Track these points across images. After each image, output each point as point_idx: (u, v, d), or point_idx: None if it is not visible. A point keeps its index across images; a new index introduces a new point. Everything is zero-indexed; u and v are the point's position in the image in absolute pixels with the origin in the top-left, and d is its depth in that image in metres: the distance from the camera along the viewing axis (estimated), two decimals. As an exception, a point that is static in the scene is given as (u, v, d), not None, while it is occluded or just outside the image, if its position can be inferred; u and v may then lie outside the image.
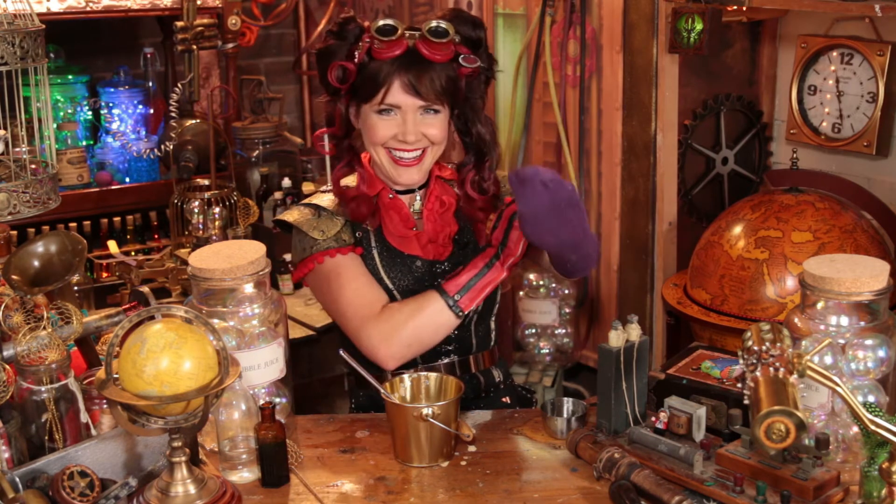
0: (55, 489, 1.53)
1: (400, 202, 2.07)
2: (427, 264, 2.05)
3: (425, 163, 2.03)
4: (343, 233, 2.03)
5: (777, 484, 1.59)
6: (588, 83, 3.17)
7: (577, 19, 3.16)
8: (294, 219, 2.06)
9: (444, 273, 2.04)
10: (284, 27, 4.27)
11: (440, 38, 1.94)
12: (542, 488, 1.70)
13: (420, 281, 2.04)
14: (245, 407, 1.78)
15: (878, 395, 1.68)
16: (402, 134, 1.97)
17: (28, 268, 1.69)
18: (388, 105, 1.96)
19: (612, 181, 3.15)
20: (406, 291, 2.03)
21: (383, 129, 1.98)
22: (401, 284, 2.04)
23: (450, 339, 2.05)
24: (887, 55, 2.76)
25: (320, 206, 2.07)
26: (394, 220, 2.06)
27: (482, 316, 2.12)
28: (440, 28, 1.95)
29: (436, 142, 2.01)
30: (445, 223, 2.08)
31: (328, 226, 2.03)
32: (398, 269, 2.04)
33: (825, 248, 2.56)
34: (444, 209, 2.09)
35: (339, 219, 2.04)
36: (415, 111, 1.97)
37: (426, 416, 1.73)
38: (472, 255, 2.04)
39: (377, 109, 1.98)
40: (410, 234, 2.06)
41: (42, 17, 1.79)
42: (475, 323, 2.10)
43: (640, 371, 1.80)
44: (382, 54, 1.94)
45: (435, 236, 2.07)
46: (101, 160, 3.60)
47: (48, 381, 1.68)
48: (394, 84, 1.95)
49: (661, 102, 2.91)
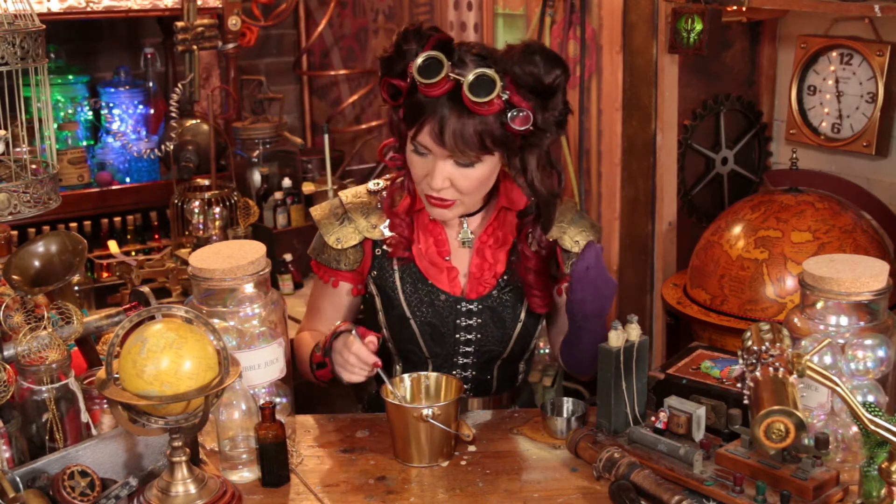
0: (56, 489, 1.54)
1: (439, 226, 1.96)
2: (452, 301, 1.95)
3: (457, 209, 1.88)
4: (353, 251, 1.98)
5: (777, 484, 1.59)
6: (588, 83, 3.17)
7: (577, 19, 3.16)
8: (318, 216, 2.02)
9: (471, 314, 1.95)
10: (285, 27, 4.27)
11: (480, 97, 1.72)
12: (542, 488, 1.70)
13: (441, 317, 1.95)
14: (245, 407, 1.78)
15: (877, 394, 1.69)
16: (429, 178, 1.83)
17: (28, 268, 1.69)
18: (419, 144, 1.82)
19: (612, 181, 3.15)
20: (425, 325, 1.96)
21: (417, 167, 1.85)
22: (419, 315, 1.95)
23: (466, 380, 2.01)
24: (887, 55, 2.77)
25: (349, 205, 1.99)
26: (428, 242, 1.95)
27: (507, 361, 2.03)
28: (483, 80, 1.72)
29: (465, 193, 1.84)
30: (496, 260, 1.95)
31: (346, 234, 1.98)
32: (419, 297, 1.95)
33: (825, 248, 2.56)
34: (497, 245, 1.95)
35: (361, 223, 1.97)
36: (444, 159, 1.80)
37: (426, 417, 1.73)
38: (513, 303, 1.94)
39: (412, 144, 1.84)
40: (442, 263, 1.96)
41: (42, 18, 1.79)
42: (499, 367, 2.03)
43: (640, 371, 1.80)
44: (423, 91, 1.77)
45: (479, 272, 1.95)
46: (102, 160, 3.60)
47: (49, 381, 1.68)
48: (426, 125, 1.78)
49: (661, 103, 2.91)
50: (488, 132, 1.77)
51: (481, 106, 1.74)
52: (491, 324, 1.97)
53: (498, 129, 1.77)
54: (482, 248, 1.96)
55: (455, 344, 1.99)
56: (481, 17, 3.54)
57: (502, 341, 2.00)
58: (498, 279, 1.96)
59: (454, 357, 2.00)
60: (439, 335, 1.98)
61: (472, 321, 1.97)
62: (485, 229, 1.97)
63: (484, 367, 2.02)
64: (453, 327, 1.97)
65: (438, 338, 1.98)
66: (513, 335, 2.00)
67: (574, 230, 2.01)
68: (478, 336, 1.98)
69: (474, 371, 2.01)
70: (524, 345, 2.03)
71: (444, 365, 2.00)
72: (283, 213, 3.42)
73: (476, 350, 2.00)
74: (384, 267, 1.98)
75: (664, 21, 2.85)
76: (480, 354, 2.00)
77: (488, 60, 1.79)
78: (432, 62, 1.75)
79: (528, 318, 2.00)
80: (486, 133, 1.77)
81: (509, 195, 1.97)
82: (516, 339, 2.01)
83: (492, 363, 2.02)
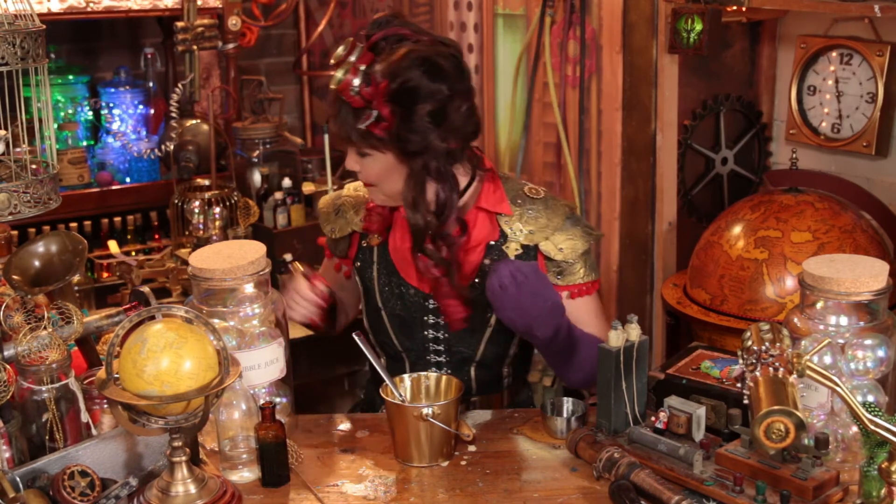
0: (56, 489, 1.54)
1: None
2: (421, 296, 1.98)
3: (375, 196, 1.96)
4: (343, 241, 2.10)
5: (776, 484, 1.59)
6: (588, 83, 3.17)
7: (577, 20, 3.16)
8: (321, 206, 2.15)
9: (438, 312, 1.96)
10: (285, 28, 4.27)
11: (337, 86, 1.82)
12: (542, 488, 1.70)
13: (409, 311, 1.98)
14: (245, 407, 1.78)
15: (877, 394, 1.69)
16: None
17: (28, 268, 1.69)
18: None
19: (612, 181, 3.15)
20: (394, 317, 2.00)
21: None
22: (389, 307, 1.99)
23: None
24: (887, 55, 2.76)
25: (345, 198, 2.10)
26: (403, 237, 1.97)
27: (482, 364, 2.02)
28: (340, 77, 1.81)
29: (368, 181, 1.92)
30: (469, 263, 1.94)
31: (339, 226, 2.09)
32: (390, 289, 2.00)
33: (825, 248, 2.56)
34: (471, 246, 1.95)
35: (351, 217, 2.08)
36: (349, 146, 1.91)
37: (426, 416, 1.73)
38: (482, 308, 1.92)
39: None
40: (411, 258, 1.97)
41: (43, 18, 1.79)
42: (475, 370, 2.02)
43: (640, 371, 1.80)
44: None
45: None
46: (102, 160, 3.60)
47: (49, 381, 1.68)
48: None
49: (661, 102, 2.91)
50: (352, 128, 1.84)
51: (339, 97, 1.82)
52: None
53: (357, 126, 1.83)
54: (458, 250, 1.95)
55: (424, 340, 2.00)
56: (481, 17, 3.55)
57: (471, 344, 1.99)
58: (469, 283, 1.95)
59: (426, 354, 2.02)
60: (409, 329, 2.00)
61: (439, 319, 1.98)
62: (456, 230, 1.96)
63: (458, 368, 2.01)
64: (421, 323, 2.00)
65: (408, 332, 2.01)
66: (482, 338, 1.99)
67: (561, 237, 1.97)
68: (445, 335, 1.99)
69: (449, 370, 2.00)
70: (499, 350, 2.01)
71: (419, 362, 2.02)
72: (283, 213, 3.43)
73: (446, 350, 2.00)
74: (366, 258, 2.05)
75: (664, 21, 2.85)
76: (451, 354, 2.01)
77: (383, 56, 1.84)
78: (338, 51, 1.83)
79: (499, 323, 1.93)
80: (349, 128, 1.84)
81: (489, 196, 1.96)
82: (487, 343, 1.99)
83: (465, 365, 2.01)
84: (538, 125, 3.44)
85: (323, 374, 3.13)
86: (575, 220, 2.00)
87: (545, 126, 3.42)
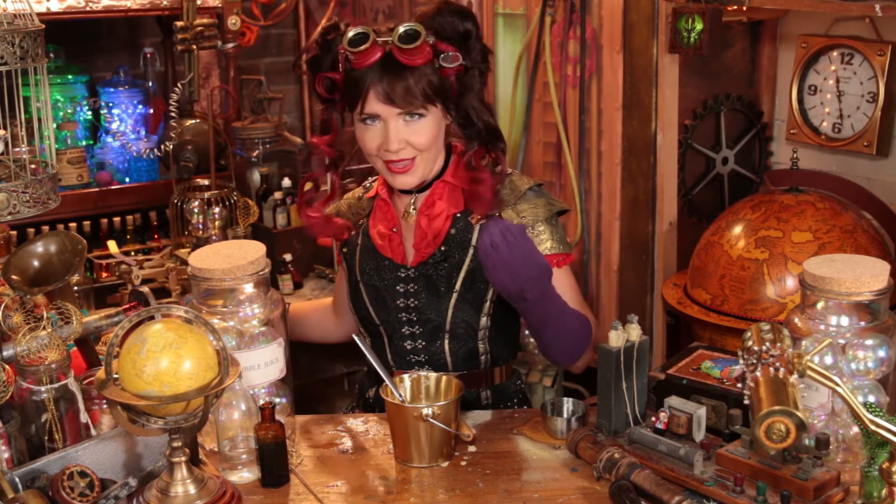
0: (55, 489, 1.53)
1: (387, 204, 2.08)
2: (394, 266, 2.05)
3: (418, 169, 1.98)
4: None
5: (777, 484, 1.59)
6: (588, 83, 3.17)
7: (577, 19, 3.16)
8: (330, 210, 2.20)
9: (408, 279, 2.03)
10: (284, 27, 4.26)
11: (410, 44, 1.87)
12: (542, 488, 1.70)
13: (383, 280, 2.06)
14: (245, 407, 1.78)
15: (878, 395, 1.68)
16: (385, 143, 1.94)
17: (28, 268, 1.69)
18: (368, 114, 1.93)
19: (612, 181, 3.15)
20: (370, 287, 2.08)
21: (369, 140, 1.96)
22: (365, 277, 2.09)
23: (417, 350, 2.06)
24: (887, 55, 2.76)
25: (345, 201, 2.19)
26: (380, 219, 2.09)
27: (456, 336, 2.04)
28: (410, 32, 1.87)
29: (422, 149, 1.96)
30: (436, 231, 2.03)
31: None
32: (367, 264, 2.08)
33: (825, 248, 2.56)
34: (435, 214, 2.03)
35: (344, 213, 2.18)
36: (395, 119, 1.92)
37: (426, 416, 1.73)
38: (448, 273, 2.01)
39: (360, 119, 1.96)
40: (388, 233, 2.07)
41: (42, 17, 1.78)
42: (448, 341, 2.05)
43: (640, 371, 1.80)
44: (358, 64, 1.91)
45: (420, 242, 2.03)
46: (101, 160, 3.60)
47: (48, 381, 1.68)
48: (370, 93, 1.91)
49: (661, 102, 2.91)
50: (427, 80, 1.91)
51: (413, 54, 1.87)
52: (426, 291, 2.03)
53: (435, 77, 1.92)
54: (420, 217, 2.05)
55: (397, 311, 2.06)
56: (481, 16, 3.54)
57: (439, 311, 2.03)
58: (436, 249, 2.03)
59: (401, 327, 2.06)
60: (382, 299, 2.07)
61: (409, 286, 2.04)
62: (424, 200, 2.05)
63: (430, 338, 2.05)
64: (393, 292, 2.05)
65: (382, 302, 2.07)
66: (448, 304, 2.02)
67: (524, 205, 2.04)
68: (414, 303, 2.04)
69: (423, 341, 2.05)
70: (468, 320, 2.03)
71: (395, 335, 2.07)
72: (282, 213, 3.42)
73: (417, 319, 2.05)
74: (351, 241, 2.14)
75: (664, 21, 2.85)
76: (422, 324, 2.05)
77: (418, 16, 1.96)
78: (360, 34, 1.89)
79: (466, 290, 2.01)
80: (425, 82, 1.91)
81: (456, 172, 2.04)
82: (454, 311, 2.03)
83: (437, 335, 2.05)
84: (538, 125, 3.44)
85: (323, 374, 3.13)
86: (539, 192, 2.07)
87: (545, 126, 3.42)
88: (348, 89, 1.95)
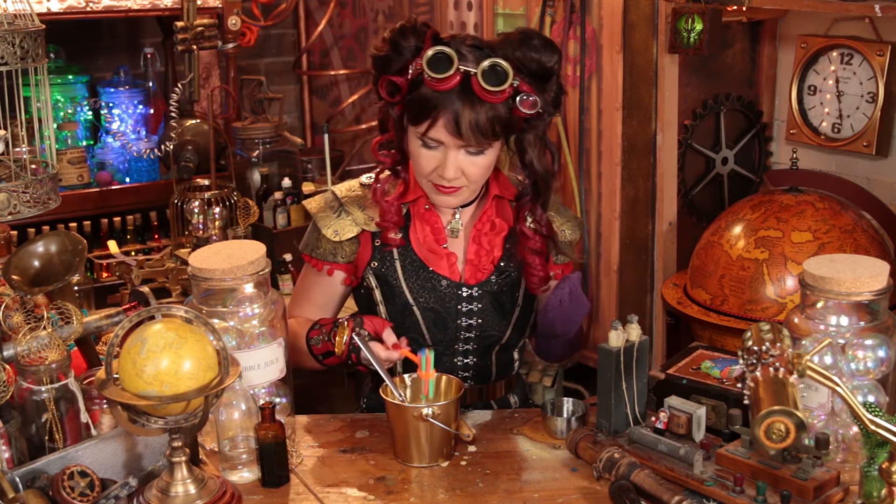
0: (55, 489, 1.53)
1: (435, 215, 1.99)
2: (454, 286, 1.98)
3: (464, 192, 1.92)
4: (349, 244, 2.00)
5: (777, 484, 1.59)
6: (588, 83, 3.17)
7: (577, 19, 3.16)
8: (314, 209, 2.04)
9: (471, 298, 1.98)
10: (284, 27, 4.27)
11: (495, 86, 1.78)
12: (542, 488, 1.70)
13: (443, 302, 1.98)
14: (245, 407, 1.78)
15: (877, 395, 1.68)
16: (441, 169, 1.86)
17: (28, 268, 1.69)
18: (431, 139, 1.84)
19: (612, 181, 3.15)
20: (427, 311, 1.98)
21: (425, 162, 1.88)
22: (421, 301, 1.98)
23: (467, 367, 2.04)
24: (887, 55, 2.77)
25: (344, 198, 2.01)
26: (425, 231, 1.99)
27: (505, 347, 2.06)
28: (499, 70, 1.77)
29: (474, 181, 1.90)
30: (492, 246, 1.99)
31: (343, 226, 2.00)
32: (420, 284, 1.98)
33: (825, 248, 2.56)
34: (493, 232, 1.99)
35: (358, 216, 1.99)
36: (457, 149, 1.84)
37: (426, 416, 1.73)
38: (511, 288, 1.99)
39: (420, 139, 1.86)
40: (440, 250, 1.98)
41: (42, 17, 1.79)
42: (497, 353, 2.05)
43: (640, 371, 1.80)
44: (433, 86, 1.80)
45: (476, 258, 1.99)
46: (102, 160, 3.60)
47: (48, 381, 1.68)
48: (439, 120, 1.81)
49: (661, 102, 2.91)
50: (499, 118, 1.82)
51: (495, 95, 1.79)
52: (491, 309, 2.00)
53: (506, 115, 1.83)
54: (479, 235, 2.00)
55: (457, 330, 2.00)
56: (481, 16, 3.54)
57: (501, 326, 2.02)
58: (495, 265, 2.00)
59: (456, 343, 2.02)
60: (442, 321, 1.99)
61: (472, 306, 2.00)
62: (480, 217, 2.00)
63: (484, 353, 2.04)
64: (455, 313, 1.99)
65: (441, 324, 2.00)
66: (511, 320, 2.03)
67: (560, 220, 2.09)
68: (478, 321, 2.00)
69: (475, 357, 2.04)
70: (521, 330, 2.07)
71: (447, 352, 2.01)
72: (282, 213, 3.43)
73: (477, 336, 2.02)
74: (385, 257, 2.00)
75: (664, 21, 2.85)
76: (481, 340, 2.02)
77: (486, 50, 1.83)
78: (443, 57, 1.79)
79: (525, 302, 2.04)
80: (497, 120, 1.82)
81: (501, 184, 2.03)
82: (515, 324, 2.04)
83: (491, 349, 2.05)
84: (538, 125, 3.44)
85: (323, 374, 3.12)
86: (564, 207, 2.15)
87: (545, 126, 3.41)
88: (416, 105, 1.84)
